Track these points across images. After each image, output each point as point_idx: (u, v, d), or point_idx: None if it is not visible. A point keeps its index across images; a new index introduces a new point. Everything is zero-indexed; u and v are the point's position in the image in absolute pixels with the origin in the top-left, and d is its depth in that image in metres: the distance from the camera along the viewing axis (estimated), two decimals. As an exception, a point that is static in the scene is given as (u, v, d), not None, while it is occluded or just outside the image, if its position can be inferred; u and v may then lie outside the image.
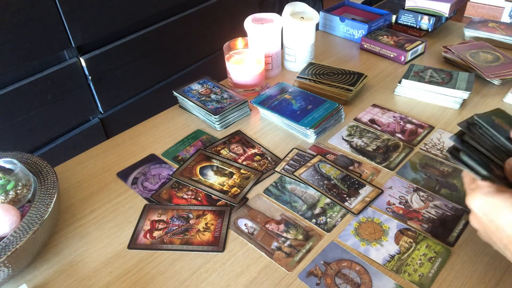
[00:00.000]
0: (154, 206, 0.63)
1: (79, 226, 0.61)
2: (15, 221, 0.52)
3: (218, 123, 0.78)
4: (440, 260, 0.53)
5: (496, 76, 0.85)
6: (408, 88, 0.84)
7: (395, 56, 0.98)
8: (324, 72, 0.88)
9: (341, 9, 1.20)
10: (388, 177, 0.66)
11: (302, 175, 0.66)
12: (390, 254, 0.54)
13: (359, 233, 0.57)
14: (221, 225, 0.59)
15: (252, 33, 0.89)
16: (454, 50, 0.93)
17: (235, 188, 0.65)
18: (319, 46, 1.08)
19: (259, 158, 0.71)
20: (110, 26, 1.13)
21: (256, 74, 0.87)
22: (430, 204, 0.61)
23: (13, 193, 0.56)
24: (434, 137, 0.74)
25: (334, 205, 0.61)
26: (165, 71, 1.37)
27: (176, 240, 0.57)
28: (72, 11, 1.01)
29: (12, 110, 0.99)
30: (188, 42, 1.40)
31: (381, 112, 0.81)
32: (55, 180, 0.59)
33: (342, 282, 0.51)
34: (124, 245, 0.57)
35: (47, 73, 1.03)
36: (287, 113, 0.76)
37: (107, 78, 1.17)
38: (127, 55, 1.20)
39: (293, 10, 0.93)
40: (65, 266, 0.55)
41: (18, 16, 0.92)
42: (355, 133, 0.75)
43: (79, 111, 1.15)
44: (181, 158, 0.72)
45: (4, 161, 0.59)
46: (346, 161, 0.70)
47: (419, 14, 1.07)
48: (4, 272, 0.49)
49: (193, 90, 0.85)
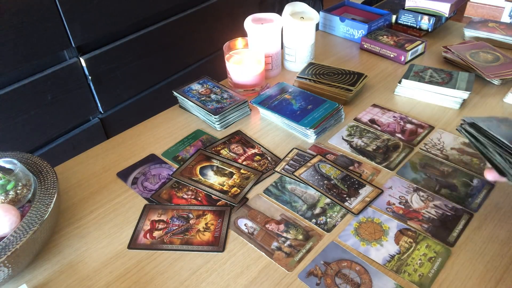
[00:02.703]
0: (154, 206, 0.63)
1: (79, 226, 0.61)
2: (15, 221, 0.52)
3: (218, 123, 0.78)
4: (440, 260, 0.53)
5: (496, 76, 0.85)
6: (408, 88, 0.84)
7: (395, 56, 0.98)
8: (324, 72, 0.88)
9: (341, 9, 1.20)
10: (388, 177, 0.66)
11: (302, 175, 0.66)
12: (390, 254, 0.54)
13: (359, 233, 0.57)
14: (221, 225, 0.59)
15: (252, 33, 0.89)
16: (454, 50, 0.93)
17: (235, 188, 0.65)
18: (319, 46, 1.08)
19: (259, 158, 0.71)
20: (110, 26, 1.13)
21: (256, 74, 0.87)
22: (430, 204, 0.61)
23: (13, 193, 0.56)
24: (434, 137, 0.74)
25: (334, 205, 0.61)
26: (165, 71, 1.37)
27: (176, 240, 0.57)
28: (72, 11, 1.01)
29: (12, 110, 0.99)
30: (188, 42, 1.40)
31: (381, 112, 0.81)
32: (55, 180, 0.59)
33: (342, 282, 0.51)
34: (124, 245, 0.57)
35: (47, 73, 1.03)
36: (287, 113, 0.76)
37: (107, 78, 1.17)
38: (127, 55, 1.20)
39: (293, 10, 0.93)
40: (65, 266, 0.55)
41: (18, 16, 0.92)
42: (355, 133, 0.75)
43: (79, 111, 1.15)
44: (181, 158, 0.73)
45: (4, 161, 0.59)
46: (346, 161, 0.70)
47: (419, 14, 1.07)
48: (4, 272, 0.49)
49: (193, 90, 0.85)
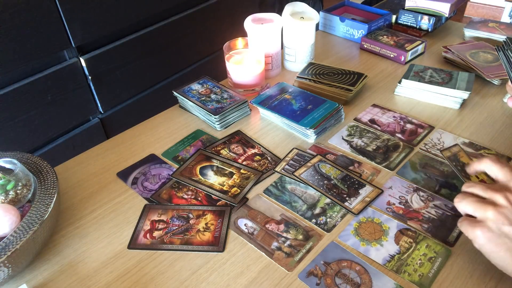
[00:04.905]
0: (154, 206, 0.63)
1: (79, 226, 0.61)
2: (15, 221, 0.52)
3: (218, 123, 0.78)
4: (440, 260, 0.53)
5: (496, 76, 0.85)
6: (408, 88, 0.84)
7: (395, 56, 0.98)
8: (324, 72, 0.88)
9: (341, 9, 1.20)
10: (388, 177, 0.66)
11: (302, 175, 0.66)
12: (390, 254, 0.54)
13: (359, 233, 0.57)
14: (221, 225, 0.59)
15: (252, 33, 0.89)
16: (454, 50, 0.93)
17: (235, 188, 0.65)
18: (319, 46, 1.08)
19: (259, 158, 0.71)
20: (110, 26, 1.13)
21: (256, 74, 0.87)
22: (430, 204, 0.61)
23: (13, 193, 0.56)
24: (434, 137, 0.74)
25: (334, 205, 0.61)
26: (165, 71, 1.37)
27: (176, 240, 0.57)
28: (72, 11, 1.01)
29: (12, 110, 0.99)
30: (188, 42, 1.40)
31: (381, 112, 0.81)
32: (55, 180, 0.59)
33: (342, 282, 0.51)
34: (124, 245, 0.57)
35: (47, 73, 1.03)
36: (287, 113, 0.76)
37: (107, 78, 1.17)
38: (127, 55, 1.20)
39: (293, 10, 0.93)
40: (65, 266, 0.55)
41: (18, 16, 0.92)
42: (355, 133, 0.76)
43: (79, 111, 1.15)
44: (181, 158, 0.73)
45: (4, 161, 0.59)
46: (346, 161, 0.70)
47: (419, 14, 1.07)
48: (4, 272, 0.49)
49: (193, 90, 0.85)
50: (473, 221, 0.48)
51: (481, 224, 0.47)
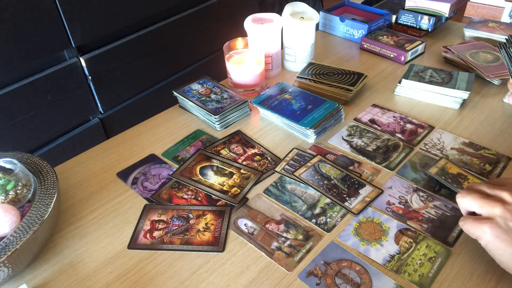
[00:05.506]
0: (154, 206, 0.63)
1: (79, 226, 0.61)
2: (15, 221, 0.52)
3: (218, 123, 0.78)
4: (440, 260, 0.53)
5: (496, 76, 0.85)
6: (408, 88, 0.84)
7: (395, 56, 0.98)
8: (324, 72, 0.88)
9: (341, 9, 1.20)
10: (388, 177, 0.66)
11: (302, 175, 0.66)
12: (390, 254, 0.54)
13: (359, 233, 0.57)
14: (221, 225, 0.59)
15: (252, 33, 0.89)
16: (454, 50, 0.93)
17: (235, 188, 0.65)
18: (319, 46, 1.08)
19: (259, 158, 0.71)
20: (110, 26, 1.13)
21: (256, 74, 0.87)
22: (430, 204, 0.61)
23: (13, 193, 0.56)
24: (434, 137, 0.74)
25: (334, 205, 0.61)
26: (165, 71, 1.37)
27: (176, 240, 0.57)
28: (72, 11, 1.01)
29: (12, 110, 0.99)
30: (188, 42, 1.40)
31: (381, 112, 0.81)
32: (55, 180, 0.59)
33: (342, 282, 0.51)
34: (124, 245, 0.57)
35: (47, 73, 1.03)
36: (287, 113, 0.76)
37: (107, 78, 1.17)
38: (127, 55, 1.20)
39: (293, 10, 0.93)
40: (65, 266, 0.55)
41: (18, 16, 0.92)
42: (355, 133, 0.76)
43: (79, 111, 1.15)
44: (181, 158, 0.73)
45: (4, 161, 0.59)
46: (346, 161, 0.70)
47: (419, 14, 1.07)
48: (4, 272, 0.49)
49: (193, 90, 0.85)
50: (479, 219, 0.48)
51: (489, 220, 0.47)
